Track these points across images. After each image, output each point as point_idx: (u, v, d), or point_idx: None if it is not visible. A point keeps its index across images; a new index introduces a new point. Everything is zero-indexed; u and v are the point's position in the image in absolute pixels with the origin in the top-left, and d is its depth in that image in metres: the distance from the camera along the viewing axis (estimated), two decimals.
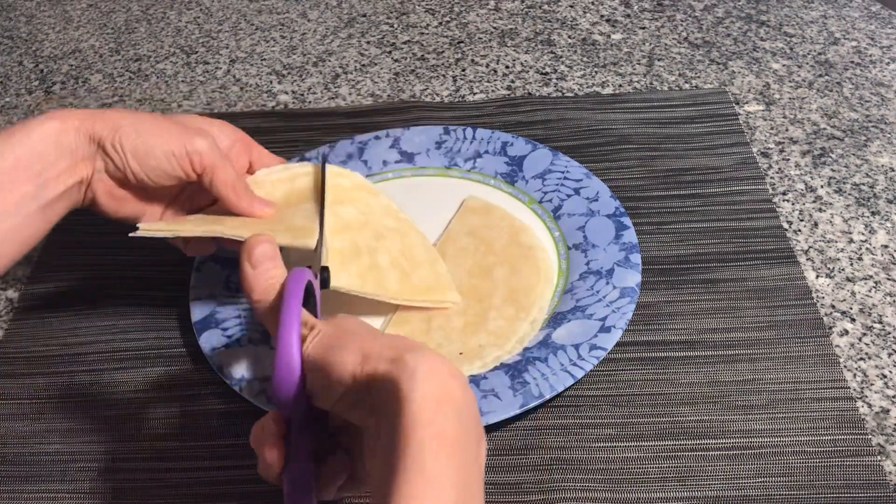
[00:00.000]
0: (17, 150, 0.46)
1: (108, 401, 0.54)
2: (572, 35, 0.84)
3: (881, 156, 0.67)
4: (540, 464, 0.48)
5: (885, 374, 0.52)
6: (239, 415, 0.52)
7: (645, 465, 0.48)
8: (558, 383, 0.49)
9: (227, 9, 0.94)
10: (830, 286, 0.57)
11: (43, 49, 0.90)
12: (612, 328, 0.52)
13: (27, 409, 0.54)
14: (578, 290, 0.56)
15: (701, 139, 0.69)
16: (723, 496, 0.46)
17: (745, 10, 0.86)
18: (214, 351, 0.53)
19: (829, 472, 0.47)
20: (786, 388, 0.51)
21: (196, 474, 0.49)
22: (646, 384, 0.52)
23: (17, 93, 0.83)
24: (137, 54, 0.87)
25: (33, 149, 0.47)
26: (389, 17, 0.90)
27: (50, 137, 0.47)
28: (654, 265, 0.59)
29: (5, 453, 0.51)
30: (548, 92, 0.77)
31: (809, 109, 0.72)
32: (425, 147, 0.68)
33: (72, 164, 0.48)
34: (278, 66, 0.83)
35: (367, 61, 0.83)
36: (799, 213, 0.63)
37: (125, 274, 0.62)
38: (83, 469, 0.50)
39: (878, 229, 0.61)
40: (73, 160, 0.48)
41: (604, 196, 0.62)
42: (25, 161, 0.46)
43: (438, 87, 0.78)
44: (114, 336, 0.57)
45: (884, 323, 0.55)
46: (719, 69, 0.78)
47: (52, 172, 0.47)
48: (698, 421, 0.50)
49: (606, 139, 0.70)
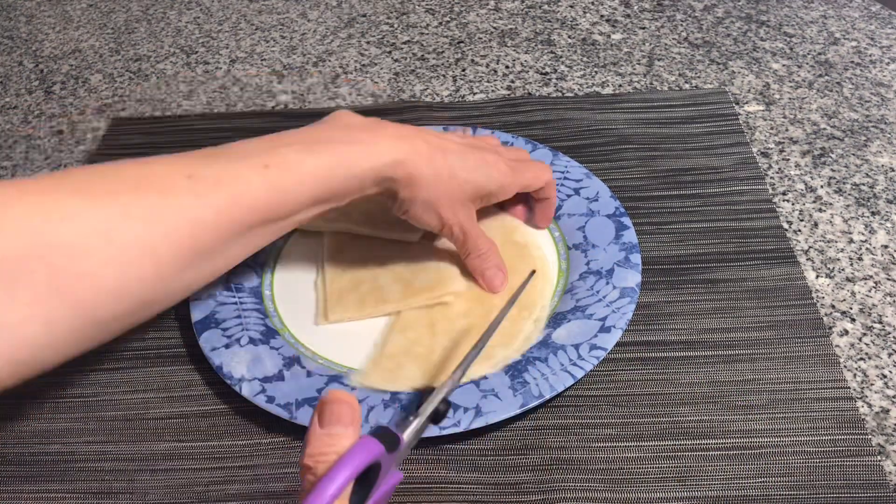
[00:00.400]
0: (358, 174, 0.48)
1: (107, 401, 0.54)
2: (572, 35, 0.84)
3: (881, 156, 0.67)
4: (540, 464, 0.48)
5: (885, 374, 0.52)
6: (239, 415, 0.52)
7: (645, 465, 0.48)
8: (558, 383, 0.49)
9: (227, 9, 0.94)
10: (830, 286, 0.57)
11: (43, 49, 0.90)
12: (612, 328, 0.52)
13: (27, 409, 0.54)
14: (578, 290, 0.56)
15: (701, 139, 0.69)
16: (723, 496, 0.46)
17: (745, 10, 0.86)
18: (214, 351, 0.53)
19: (829, 472, 0.47)
20: (786, 388, 0.51)
21: (196, 474, 0.49)
22: (646, 384, 0.52)
23: (17, 93, 0.83)
24: (137, 54, 0.87)
25: (359, 176, 0.48)
26: (389, 17, 0.90)
27: (371, 170, 0.49)
28: (654, 265, 0.59)
29: (5, 453, 0.51)
30: (548, 92, 0.77)
31: (809, 109, 0.72)
32: None
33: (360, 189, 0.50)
34: (278, 66, 0.83)
35: (367, 61, 0.83)
36: (799, 213, 0.63)
37: None
38: (83, 469, 0.50)
39: (878, 229, 0.61)
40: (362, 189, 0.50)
41: (604, 196, 0.62)
42: (347, 187, 0.49)
43: (438, 87, 0.78)
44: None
45: (884, 323, 0.55)
46: (719, 69, 0.78)
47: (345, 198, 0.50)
48: (698, 421, 0.50)
49: (606, 139, 0.70)
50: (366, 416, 0.49)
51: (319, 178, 0.47)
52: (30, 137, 0.77)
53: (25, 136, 0.77)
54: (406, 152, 0.49)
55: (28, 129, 0.77)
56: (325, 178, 0.47)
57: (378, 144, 0.49)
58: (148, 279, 0.42)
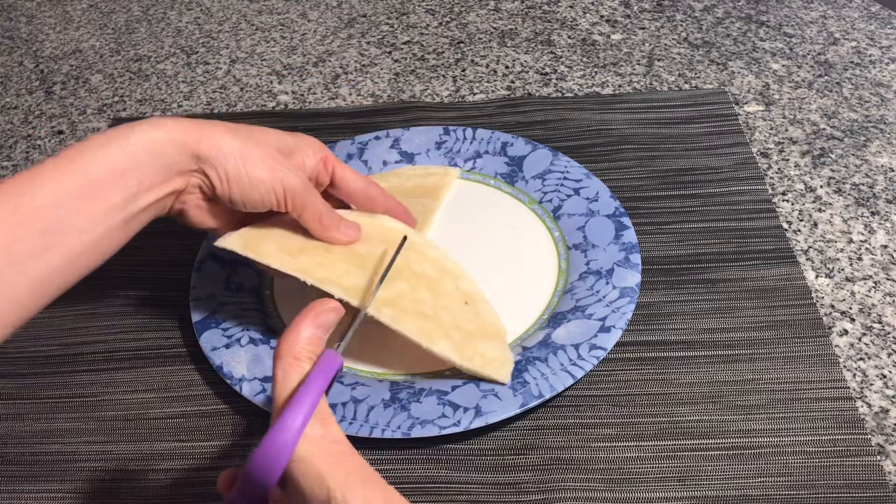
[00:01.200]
0: (113, 158, 0.44)
1: (107, 401, 0.54)
2: (572, 35, 0.84)
3: (881, 156, 0.67)
4: (540, 464, 0.48)
5: (884, 374, 0.52)
6: (239, 415, 0.52)
7: (645, 465, 0.48)
8: (558, 383, 0.49)
9: (227, 9, 0.94)
10: (830, 286, 0.57)
11: (43, 49, 0.90)
12: (612, 328, 0.52)
13: (27, 409, 0.54)
14: (578, 290, 0.56)
15: (701, 139, 0.69)
16: (723, 496, 0.46)
17: (744, 10, 0.86)
18: (214, 351, 0.53)
19: (828, 472, 0.47)
20: (785, 388, 0.51)
21: (196, 474, 0.49)
22: (646, 384, 0.52)
23: (17, 93, 0.83)
24: (137, 54, 0.87)
25: (129, 159, 0.44)
26: (389, 17, 0.90)
27: (148, 148, 0.45)
28: (654, 265, 0.59)
29: (5, 453, 0.51)
30: (548, 92, 0.77)
31: (809, 110, 0.73)
32: (425, 147, 0.68)
33: (167, 178, 0.46)
34: (278, 66, 0.83)
35: (367, 61, 0.83)
36: (799, 213, 0.63)
37: (125, 274, 0.62)
38: (83, 469, 0.50)
39: (877, 229, 0.61)
40: (168, 174, 0.46)
41: (604, 196, 0.62)
42: (119, 171, 0.44)
43: (438, 88, 0.78)
44: (114, 336, 0.58)
45: (883, 323, 0.55)
46: (719, 69, 0.78)
47: (146, 184, 0.45)
48: (698, 421, 0.50)
49: (606, 139, 0.70)
50: (366, 415, 0.49)
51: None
52: (30, 137, 0.77)
53: (25, 136, 0.77)
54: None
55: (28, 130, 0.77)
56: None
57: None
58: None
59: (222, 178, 0.48)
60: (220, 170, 0.48)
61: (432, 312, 0.52)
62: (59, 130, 0.78)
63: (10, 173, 0.73)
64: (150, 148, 0.45)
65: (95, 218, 0.44)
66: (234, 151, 0.48)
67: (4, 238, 0.40)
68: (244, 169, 0.48)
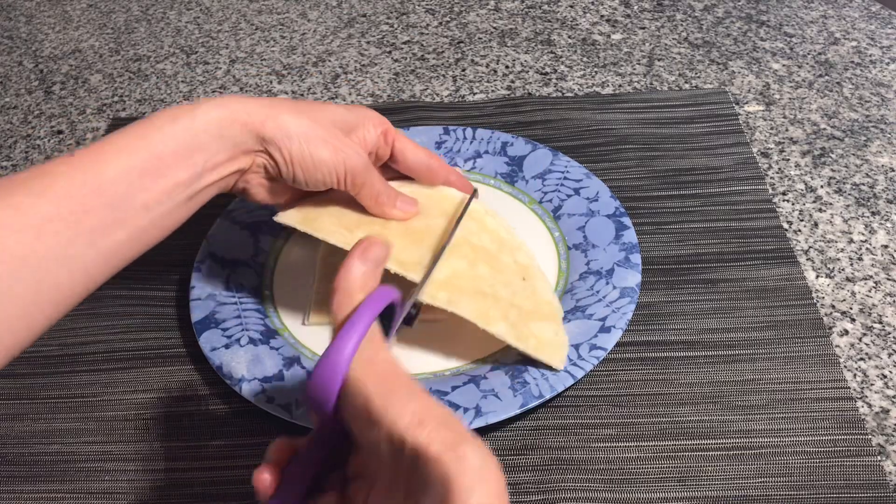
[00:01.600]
0: (180, 137, 0.45)
1: (107, 401, 0.54)
2: (572, 35, 0.84)
3: (881, 156, 0.67)
4: (540, 464, 0.48)
5: (885, 374, 0.52)
6: (239, 415, 0.52)
7: (645, 465, 0.48)
8: (558, 383, 0.49)
9: (227, 9, 0.94)
10: (830, 286, 0.57)
11: (43, 49, 0.90)
12: (612, 328, 0.52)
13: (27, 409, 0.54)
14: (578, 290, 0.56)
15: (701, 139, 0.69)
16: (723, 496, 0.46)
17: (745, 10, 0.86)
18: (214, 351, 0.53)
19: (829, 472, 0.47)
20: (786, 388, 0.51)
21: (196, 474, 0.49)
22: (646, 384, 0.52)
23: (17, 93, 0.83)
24: (137, 54, 0.87)
25: (196, 137, 0.45)
26: (389, 17, 0.90)
27: (215, 127, 0.46)
28: (654, 265, 0.59)
29: (5, 453, 0.51)
30: (548, 92, 0.77)
31: (809, 109, 0.72)
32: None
33: (232, 157, 0.47)
34: (278, 66, 0.83)
35: (367, 61, 0.83)
36: (799, 213, 0.63)
37: (125, 274, 0.62)
38: (83, 469, 0.50)
39: (878, 229, 0.61)
40: (234, 153, 0.47)
41: (604, 196, 0.62)
42: (186, 149, 0.45)
43: (438, 87, 0.78)
44: (114, 336, 0.58)
45: (884, 323, 0.55)
46: (719, 69, 0.78)
47: (211, 163, 0.46)
48: (698, 421, 0.50)
49: (606, 139, 0.70)
50: None
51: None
52: (29, 137, 0.77)
53: (25, 136, 0.77)
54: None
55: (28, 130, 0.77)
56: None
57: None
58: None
59: (287, 160, 0.49)
60: (284, 151, 0.48)
61: (491, 290, 0.52)
62: (59, 130, 0.78)
63: (9, 173, 0.73)
64: (216, 127, 0.46)
65: (161, 196, 0.44)
66: (298, 133, 0.48)
67: (76, 209, 0.41)
68: (308, 150, 0.49)
